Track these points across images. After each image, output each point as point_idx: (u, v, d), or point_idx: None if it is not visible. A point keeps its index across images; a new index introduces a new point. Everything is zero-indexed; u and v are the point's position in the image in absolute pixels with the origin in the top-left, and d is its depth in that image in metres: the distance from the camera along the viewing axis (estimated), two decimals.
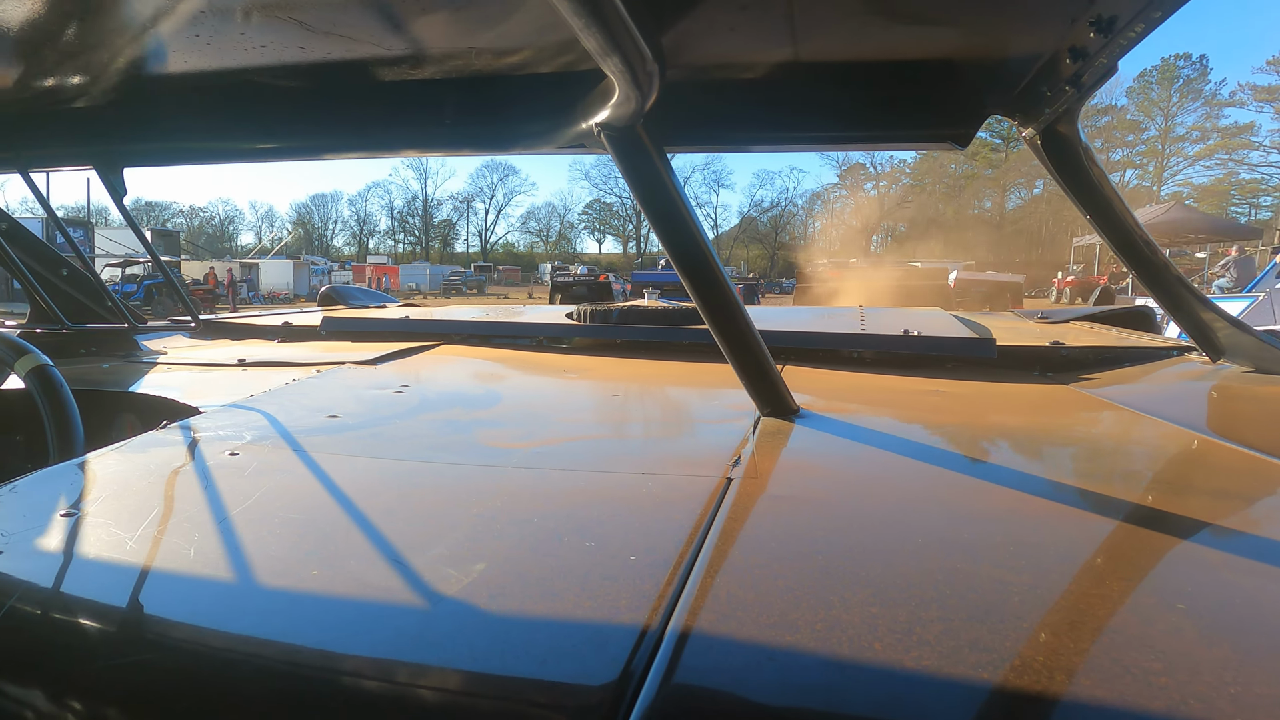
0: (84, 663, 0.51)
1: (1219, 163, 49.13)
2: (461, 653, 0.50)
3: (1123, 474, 0.96)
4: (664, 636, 0.51)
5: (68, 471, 0.89)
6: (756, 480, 0.85)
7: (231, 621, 0.56)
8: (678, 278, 1.11)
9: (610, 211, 61.33)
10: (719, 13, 1.03)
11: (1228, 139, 48.57)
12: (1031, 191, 52.62)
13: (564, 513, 0.76)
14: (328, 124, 1.42)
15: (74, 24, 1.16)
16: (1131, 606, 0.56)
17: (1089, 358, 1.73)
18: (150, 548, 0.67)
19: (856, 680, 0.46)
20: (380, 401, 1.31)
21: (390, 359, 1.76)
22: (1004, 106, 1.23)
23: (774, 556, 0.64)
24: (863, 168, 55.95)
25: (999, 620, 0.52)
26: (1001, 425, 1.18)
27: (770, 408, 1.15)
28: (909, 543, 0.68)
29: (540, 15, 1.05)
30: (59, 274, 2.09)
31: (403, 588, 0.59)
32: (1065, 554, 0.66)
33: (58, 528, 0.71)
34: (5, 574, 0.63)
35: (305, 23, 1.12)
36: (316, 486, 0.85)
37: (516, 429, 1.15)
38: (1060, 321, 2.56)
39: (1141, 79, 50.48)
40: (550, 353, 1.95)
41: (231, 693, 0.48)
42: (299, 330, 2.29)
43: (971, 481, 0.89)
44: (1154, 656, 0.48)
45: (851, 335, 1.85)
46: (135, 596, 0.59)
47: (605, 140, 1.11)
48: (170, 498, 0.80)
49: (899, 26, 1.09)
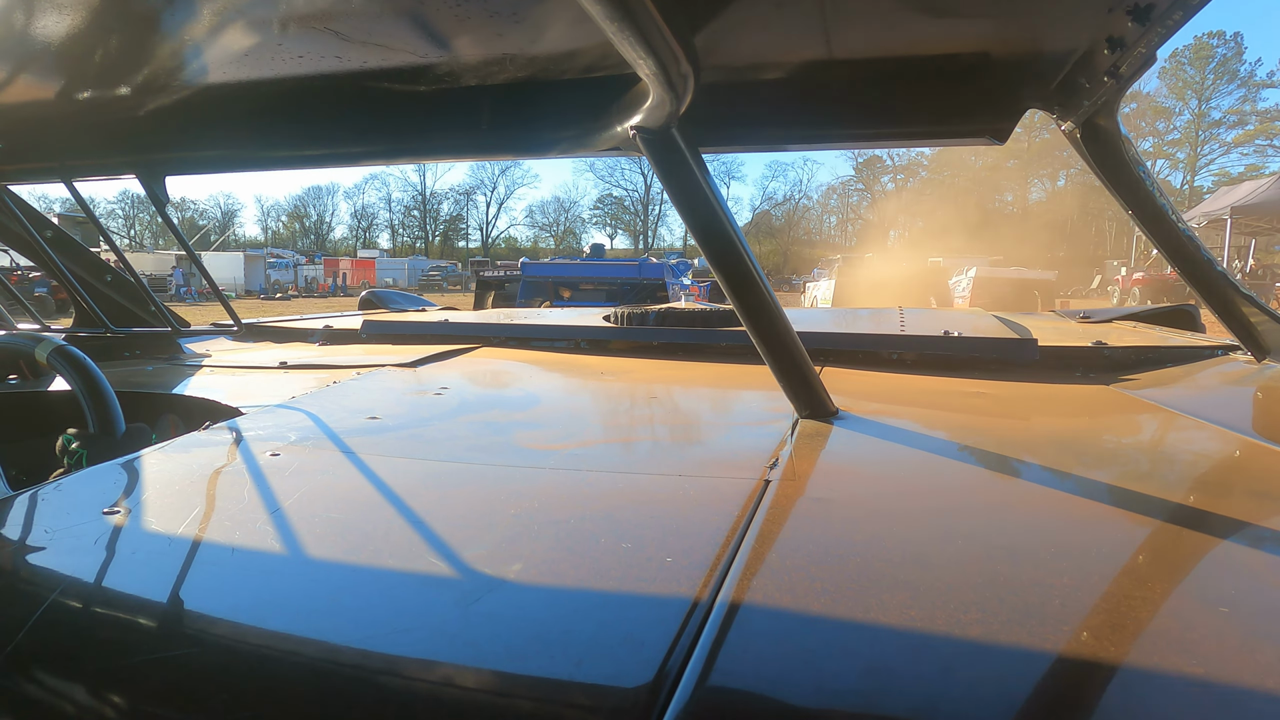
0: (124, 657, 0.52)
1: (1258, 150, 46.61)
2: (498, 652, 0.50)
3: (1164, 476, 0.94)
4: (699, 638, 0.51)
5: (112, 471, 0.91)
6: (794, 483, 0.84)
7: (271, 619, 0.57)
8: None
9: (621, 206, 60.32)
10: (752, 12, 1.03)
11: (1267, 123, 46.05)
12: (1055, 183, 50.85)
13: (601, 514, 0.77)
14: (365, 131, 1.44)
15: (115, 37, 1.19)
16: (1173, 610, 0.55)
17: (1131, 358, 1.70)
18: (191, 546, 0.69)
19: (893, 685, 0.46)
20: (420, 403, 1.33)
21: (430, 361, 1.79)
22: (1042, 100, 1.21)
23: (811, 559, 0.64)
24: (880, 160, 54.54)
25: (1039, 624, 0.52)
26: (1042, 427, 1.16)
27: (809, 409, 1.15)
28: (948, 546, 0.68)
29: (574, 20, 1.06)
30: (103, 279, 2.14)
31: (441, 587, 0.60)
32: (1106, 557, 0.66)
33: (101, 525, 0.73)
34: (49, 569, 0.65)
35: (341, 33, 1.14)
36: (357, 487, 0.86)
37: (554, 431, 1.16)
38: (1102, 321, 2.52)
39: (1174, 59, 48.09)
40: (588, 355, 1.96)
41: (270, 689, 0.49)
42: (339, 333, 2.33)
43: (1012, 484, 0.88)
44: (1196, 661, 0.47)
45: (891, 336, 1.83)
46: (176, 593, 0.61)
47: (641, 143, 1.11)
48: (212, 497, 0.82)
49: (932, 19, 1.07)
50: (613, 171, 58.39)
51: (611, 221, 60.34)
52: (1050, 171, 50.55)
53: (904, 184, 53.01)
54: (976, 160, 50.89)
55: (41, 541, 0.71)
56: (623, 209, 60.10)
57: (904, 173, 53.73)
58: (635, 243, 58.84)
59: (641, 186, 58.58)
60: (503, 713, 0.46)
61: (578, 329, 2.17)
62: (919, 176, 53.19)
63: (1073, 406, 1.32)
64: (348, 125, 1.44)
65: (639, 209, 59.23)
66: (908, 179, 53.42)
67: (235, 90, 1.38)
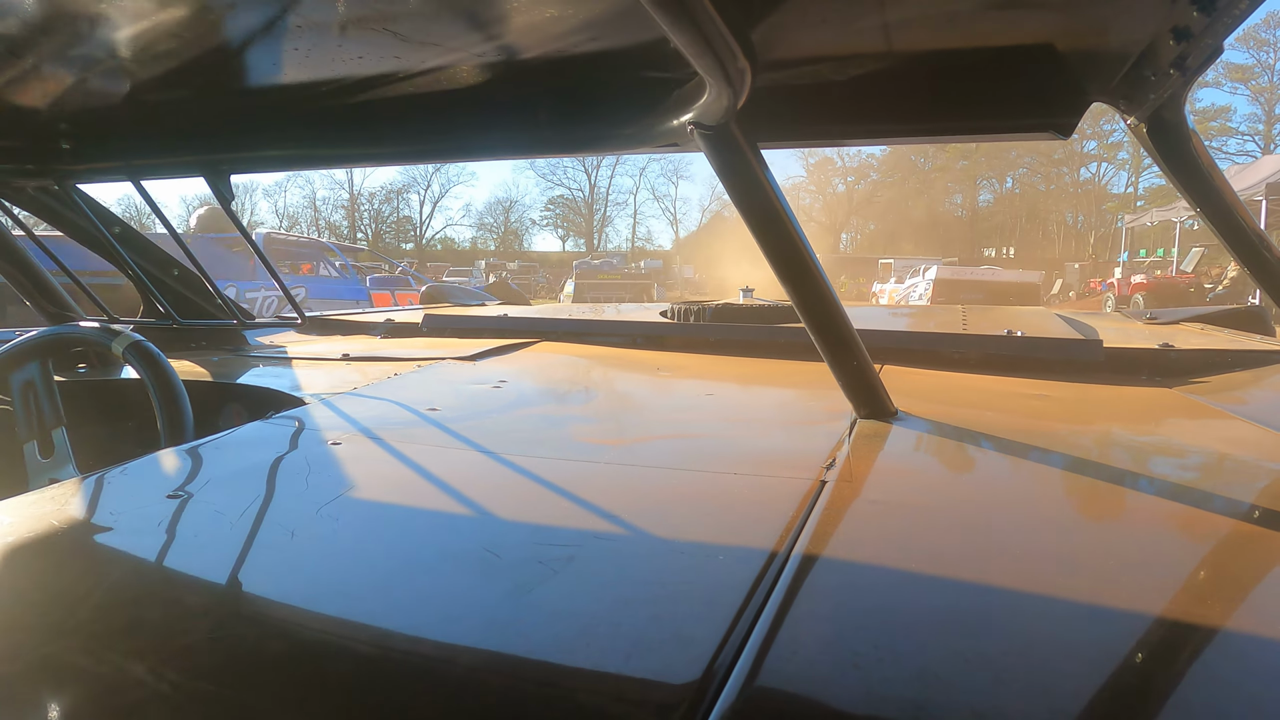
0: (182, 638, 0.53)
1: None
2: (548, 643, 0.51)
3: (1230, 487, 0.90)
4: (749, 637, 0.51)
5: (177, 456, 0.95)
6: (851, 484, 0.83)
7: (326, 604, 0.58)
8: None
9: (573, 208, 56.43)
10: (810, 6, 1.02)
11: None
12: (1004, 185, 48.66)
13: (654, 510, 0.77)
14: (423, 130, 1.47)
15: (180, 39, 1.23)
16: (1236, 626, 0.53)
17: (1199, 361, 1.63)
18: (251, 530, 0.71)
19: (943, 694, 0.45)
20: (479, 396, 1.35)
21: (489, 355, 1.81)
22: (1106, 93, 1.17)
23: (865, 562, 0.64)
24: (831, 162, 51.65)
25: (1094, 637, 0.51)
26: (1105, 431, 1.13)
27: (867, 409, 1.13)
28: (1006, 553, 0.66)
29: (630, 15, 1.06)
30: (170, 274, 2.23)
31: (494, 577, 0.61)
32: (1167, 570, 0.64)
33: (165, 509, 0.76)
34: (114, 548, 0.68)
35: (400, 33, 1.16)
36: (415, 477, 0.88)
37: (610, 425, 1.17)
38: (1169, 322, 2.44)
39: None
40: (645, 350, 1.97)
41: (322, 673, 0.50)
42: (401, 327, 2.37)
43: (1073, 489, 0.86)
44: (1258, 684, 0.46)
45: (952, 335, 1.80)
46: (235, 575, 0.63)
47: (699, 138, 1.11)
48: (273, 484, 0.85)
49: (994, 12, 1.05)
50: (554, 170, 54.65)
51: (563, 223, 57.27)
52: (998, 173, 48.28)
53: (854, 186, 51.22)
54: (925, 162, 48.89)
55: (107, 523, 0.74)
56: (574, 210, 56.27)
57: (854, 175, 51.62)
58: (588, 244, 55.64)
59: (587, 186, 55.19)
60: (550, 703, 0.47)
61: (635, 324, 2.17)
62: (869, 179, 51.40)
63: (1138, 411, 1.28)
64: (406, 124, 1.47)
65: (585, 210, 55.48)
66: (859, 180, 51.40)
67: (296, 91, 1.42)
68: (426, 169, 53.48)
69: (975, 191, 49.83)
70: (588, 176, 54.81)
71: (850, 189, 51.56)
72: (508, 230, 57.17)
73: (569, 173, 54.96)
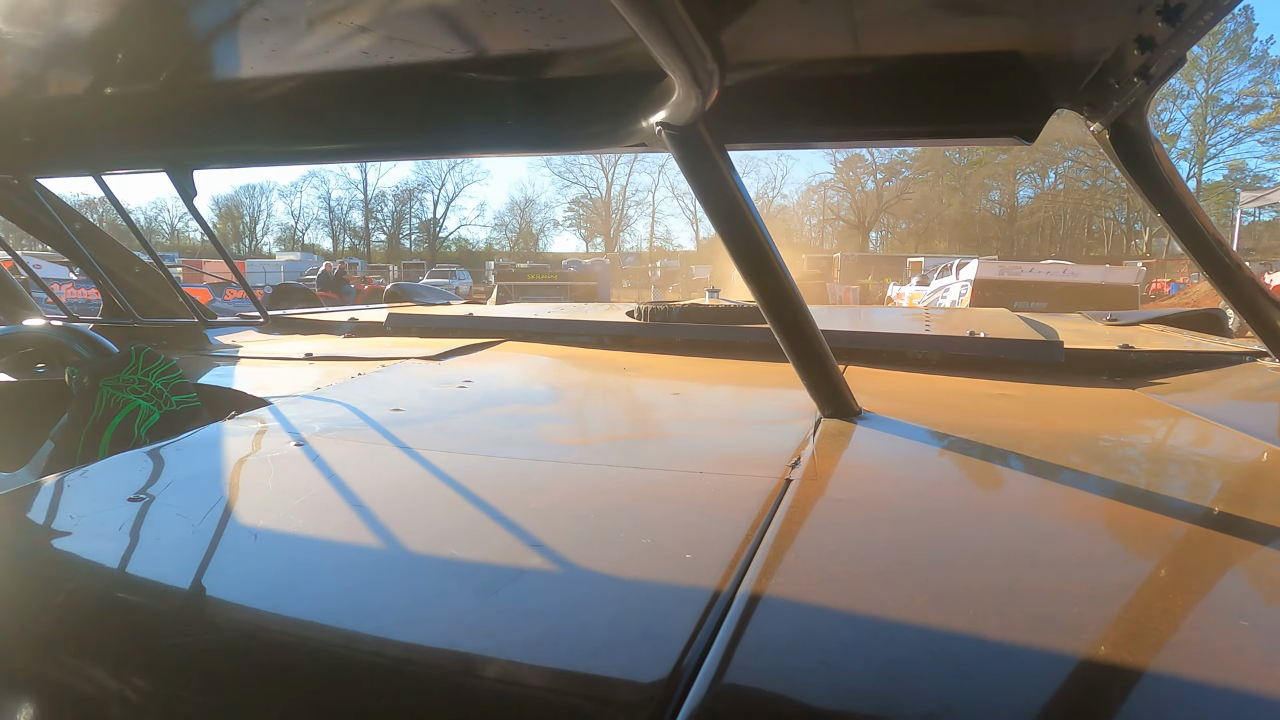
0: (146, 641, 0.53)
1: (1276, 136, 40.72)
2: (516, 643, 0.51)
3: (1189, 485, 0.93)
4: (716, 635, 0.51)
5: (137, 459, 0.93)
6: (816, 482, 0.84)
7: (292, 606, 0.57)
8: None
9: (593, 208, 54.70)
10: (779, 8, 1.03)
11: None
12: (1045, 180, 47.65)
13: (621, 509, 0.77)
14: (391, 126, 1.46)
15: (143, 34, 1.21)
16: (1193, 622, 0.54)
17: (1159, 362, 1.67)
18: (214, 533, 0.70)
19: (909, 687, 0.46)
20: (443, 396, 1.34)
21: (454, 355, 1.80)
22: (1071, 99, 1.19)
23: (830, 560, 0.64)
24: (861, 159, 50.72)
25: (1058, 631, 0.52)
26: (1067, 431, 1.15)
27: (832, 409, 1.14)
28: (969, 550, 0.67)
29: (600, 15, 1.06)
30: (131, 271, 2.18)
31: (461, 578, 0.61)
32: (1128, 566, 0.65)
33: (126, 512, 0.74)
34: (74, 554, 0.67)
35: (368, 28, 1.15)
36: (379, 477, 0.87)
37: (576, 425, 1.16)
38: (1130, 324, 2.49)
39: None
40: (611, 350, 1.97)
41: (289, 675, 0.50)
42: (365, 326, 2.35)
43: (1035, 489, 0.87)
44: (1215, 673, 0.47)
45: (916, 336, 1.82)
46: (198, 579, 0.62)
47: (667, 139, 1.11)
48: (236, 485, 0.83)
49: (962, 18, 1.06)
50: (570, 166, 52.98)
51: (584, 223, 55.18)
52: (1039, 167, 47.14)
53: (884, 183, 50.83)
54: (960, 158, 48.21)
55: (67, 527, 0.73)
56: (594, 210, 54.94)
57: (885, 171, 51.02)
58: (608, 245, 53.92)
59: (604, 183, 53.68)
60: (519, 703, 0.46)
61: (601, 324, 2.18)
62: (900, 176, 50.94)
63: (1098, 411, 1.31)
64: (372, 120, 1.45)
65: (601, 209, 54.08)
66: (889, 177, 50.88)
67: (261, 85, 1.40)
68: (441, 168, 52.36)
69: (1014, 187, 48.77)
70: (605, 174, 53.53)
71: (880, 186, 50.76)
72: (523, 231, 56.01)
73: (585, 170, 53.51)
